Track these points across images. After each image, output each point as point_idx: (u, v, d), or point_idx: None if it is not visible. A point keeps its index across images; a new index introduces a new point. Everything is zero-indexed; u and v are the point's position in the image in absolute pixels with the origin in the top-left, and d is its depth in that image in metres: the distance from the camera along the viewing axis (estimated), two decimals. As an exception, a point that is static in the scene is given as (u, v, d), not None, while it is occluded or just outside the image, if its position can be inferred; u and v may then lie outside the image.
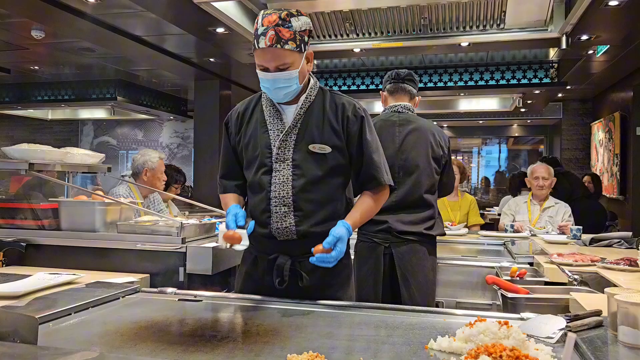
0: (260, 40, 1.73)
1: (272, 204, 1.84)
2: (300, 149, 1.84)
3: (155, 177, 3.56)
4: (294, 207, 1.83)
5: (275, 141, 1.84)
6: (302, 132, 1.84)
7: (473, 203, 4.54)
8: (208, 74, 6.64)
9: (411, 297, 2.47)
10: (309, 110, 1.86)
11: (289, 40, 1.73)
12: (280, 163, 1.84)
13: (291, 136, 1.84)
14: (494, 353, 1.07)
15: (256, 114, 1.91)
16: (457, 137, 12.28)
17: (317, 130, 1.84)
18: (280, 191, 1.83)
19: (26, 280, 1.95)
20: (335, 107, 1.87)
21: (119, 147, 11.67)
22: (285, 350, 1.25)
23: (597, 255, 2.60)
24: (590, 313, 1.50)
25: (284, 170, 1.84)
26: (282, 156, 1.84)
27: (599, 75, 6.79)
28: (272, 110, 1.88)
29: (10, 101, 8.65)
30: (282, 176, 1.83)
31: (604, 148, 7.87)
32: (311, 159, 1.84)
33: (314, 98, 1.88)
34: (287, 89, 1.80)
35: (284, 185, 1.83)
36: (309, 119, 1.85)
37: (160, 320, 1.54)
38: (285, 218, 1.83)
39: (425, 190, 2.62)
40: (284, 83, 1.78)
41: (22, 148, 2.53)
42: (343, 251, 1.70)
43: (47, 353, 1.18)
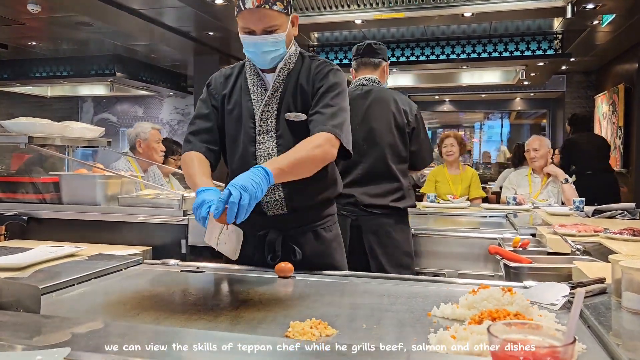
0: (247, 1, 1.66)
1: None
2: (281, 118, 1.78)
3: (150, 147, 3.53)
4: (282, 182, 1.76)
5: (258, 111, 1.79)
6: (281, 101, 1.79)
7: (475, 176, 4.53)
8: (207, 48, 6.56)
9: (380, 270, 2.45)
10: (288, 78, 1.80)
11: (277, 1, 1.67)
12: (263, 135, 1.79)
13: (272, 105, 1.79)
14: (497, 318, 1.06)
15: (240, 81, 1.85)
16: (459, 111, 12.20)
17: (292, 97, 1.79)
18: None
19: (28, 252, 1.95)
20: (309, 71, 1.81)
21: (119, 124, 11.62)
22: (288, 318, 1.25)
23: (600, 226, 2.59)
24: (594, 280, 1.49)
25: (268, 142, 1.78)
26: (265, 127, 1.79)
27: (603, 46, 6.70)
28: (256, 79, 1.82)
29: (8, 78, 8.59)
30: (267, 148, 1.78)
31: (607, 121, 7.81)
32: (292, 129, 1.78)
33: (293, 65, 1.82)
34: (274, 53, 1.74)
35: (269, 157, 1.77)
36: (287, 86, 1.80)
37: (163, 290, 1.54)
38: (274, 191, 1.78)
39: (391, 161, 2.59)
40: (271, 47, 1.71)
41: (21, 122, 2.51)
42: (246, 190, 1.44)
43: (50, 322, 1.17)
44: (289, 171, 1.60)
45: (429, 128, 13.47)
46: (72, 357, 0.93)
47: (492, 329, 0.62)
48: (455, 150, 4.45)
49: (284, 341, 1.00)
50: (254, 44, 1.71)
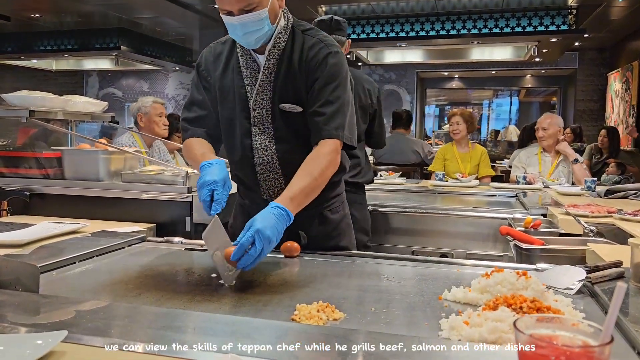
0: None
1: (258, 171, 1.69)
2: (276, 108, 1.64)
3: (151, 121, 3.47)
4: (282, 172, 1.69)
5: (252, 99, 1.65)
6: (275, 88, 1.63)
7: (484, 154, 4.45)
8: (213, 22, 6.45)
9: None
10: (280, 61, 1.63)
11: None
12: (258, 126, 1.66)
13: (266, 93, 1.64)
14: (514, 304, 1.02)
15: (232, 61, 1.69)
16: (468, 88, 12.03)
17: (286, 86, 1.63)
18: (265, 157, 1.68)
19: (30, 229, 1.92)
20: (302, 53, 1.63)
21: (124, 99, 11.55)
22: (294, 300, 1.21)
23: (613, 207, 2.53)
24: (610, 264, 1.44)
25: (263, 134, 1.66)
26: (260, 118, 1.65)
27: (618, 22, 6.53)
28: (248, 59, 1.65)
29: (12, 51, 8.52)
30: (264, 140, 1.67)
31: (620, 99, 7.66)
32: (287, 120, 1.65)
33: (284, 44, 1.63)
34: (259, 32, 1.55)
35: (267, 151, 1.67)
36: (279, 71, 1.63)
37: (166, 269, 1.50)
38: (276, 183, 1.71)
39: None
40: (253, 26, 1.53)
41: (22, 95, 2.45)
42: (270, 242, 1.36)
43: (48, 301, 1.14)
44: (304, 201, 1.53)
45: (436, 105, 13.35)
46: (70, 340, 0.90)
47: (519, 324, 0.57)
48: (462, 129, 4.36)
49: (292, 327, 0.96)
50: (233, 25, 1.54)
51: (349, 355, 0.85)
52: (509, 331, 0.95)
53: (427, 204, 3.21)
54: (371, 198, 3.45)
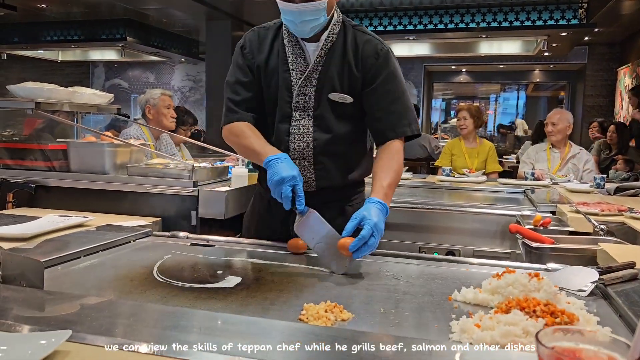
0: None
1: (291, 156, 1.65)
2: (322, 97, 1.66)
3: (159, 113, 3.45)
4: (314, 161, 1.71)
5: (297, 85, 1.66)
6: (323, 77, 1.65)
7: (492, 149, 4.41)
8: (220, 13, 6.41)
9: None
10: (331, 51, 1.66)
11: None
12: (299, 112, 1.67)
13: (312, 81, 1.66)
14: (527, 307, 0.99)
15: (277, 45, 1.69)
16: (475, 82, 11.95)
17: (338, 76, 1.66)
18: (300, 143, 1.68)
19: (35, 222, 1.91)
20: (356, 47, 1.66)
21: (130, 90, 11.55)
22: (301, 299, 1.19)
23: (624, 205, 2.50)
24: (623, 265, 1.41)
25: (303, 120, 1.67)
26: (302, 104, 1.67)
27: (630, 16, 6.44)
28: (295, 47, 1.67)
29: (19, 41, 8.52)
30: (303, 126, 1.68)
31: (629, 95, 7.58)
32: (333, 109, 1.67)
33: (336, 36, 1.66)
34: (314, 22, 1.58)
35: (304, 137, 1.68)
36: (330, 61, 1.66)
37: (172, 265, 1.48)
38: (305, 172, 1.71)
39: None
40: (311, 15, 1.56)
41: (28, 86, 2.44)
42: (381, 230, 1.47)
43: (52, 298, 1.13)
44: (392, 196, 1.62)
45: (443, 99, 13.27)
46: (74, 339, 0.88)
47: (541, 337, 0.55)
48: (469, 124, 4.32)
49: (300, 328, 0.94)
50: (291, 12, 1.55)
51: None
52: (522, 335, 0.93)
53: (434, 200, 3.17)
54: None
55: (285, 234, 1.71)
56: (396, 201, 3.12)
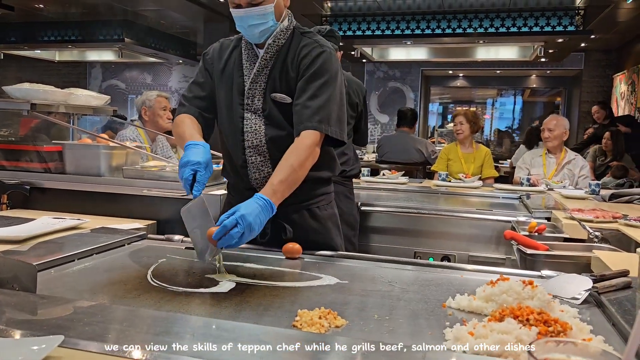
0: None
1: (247, 154, 1.75)
2: (267, 97, 1.73)
3: (155, 114, 3.44)
4: (269, 155, 1.75)
5: (246, 87, 1.74)
6: (268, 79, 1.73)
7: (488, 155, 4.42)
8: (218, 15, 6.41)
9: None
10: (277, 55, 1.73)
11: None
12: (251, 113, 1.74)
13: (260, 83, 1.73)
14: (520, 316, 0.99)
15: (235, 54, 1.80)
16: (472, 87, 11.98)
17: (278, 77, 1.72)
18: (254, 140, 1.74)
19: (30, 224, 1.90)
20: (296, 49, 1.72)
21: (127, 91, 11.52)
22: (295, 305, 1.19)
23: (618, 212, 2.51)
24: (617, 273, 1.42)
25: (255, 118, 1.74)
26: (252, 106, 1.74)
27: (626, 23, 6.48)
28: (250, 53, 1.76)
29: (16, 41, 8.49)
30: (254, 124, 1.74)
31: (625, 101, 7.62)
32: (280, 108, 1.73)
33: (283, 42, 1.73)
34: (262, 27, 1.66)
35: (257, 134, 1.74)
36: (274, 64, 1.73)
37: (166, 269, 1.48)
38: (262, 167, 1.76)
39: None
40: (258, 19, 1.64)
41: (24, 87, 2.43)
42: (252, 230, 1.43)
43: (45, 302, 1.12)
44: (287, 192, 1.60)
45: (440, 103, 13.30)
46: (66, 344, 0.88)
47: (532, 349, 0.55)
48: (465, 129, 4.33)
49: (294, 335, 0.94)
50: (240, 17, 1.65)
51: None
52: (515, 344, 0.93)
53: (430, 205, 3.18)
54: (373, 197, 3.43)
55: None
56: (392, 206, 3.13)
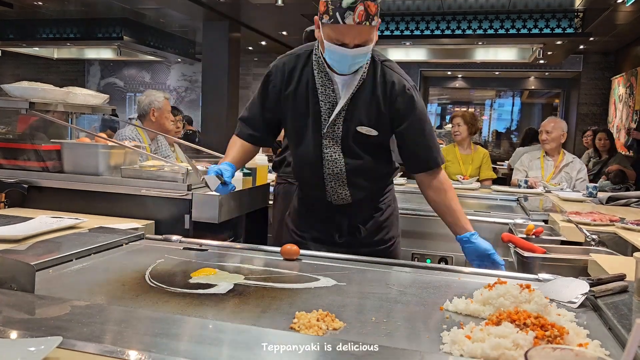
0: (347, 17, 1.53)
1: (326, 179, 1.84)
2: (349, 127, 1.76)
3: (163, 116, 3.44)
4: (348, 182, 1.84)
5: (326, 115, 1.76)
6: (351, 110, 1.75)
7: (486, 156, 4.42)
8: (217, 14, 6.40)
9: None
10: (361, 87, 1.74)
11: (375, 16, 1.58)
12: (329, 140, 1.79)
13: (341, 113, 1.75)
14: (517, 320, 1.00)
15: (306, 76, 1.77)
16: (471, 88, 11.99)
17: (365, 111, 1.75)
18: (334, 168, 1.82)
19: (28, 223, 1.90)
20: (385, 85, 1.76)
21: (126, 89, 11.51)
22: (293, 307, 1.19)
23: (615, 215, 2.51)
24: (613, 277, 1.42)
25: (334, 147, 1.79)
26: (332, 134, 1.78)
27: (625, 27, 6.50)
28: (324, 78, 1.74)
29: (14, 38, 8.47)
30: (334, 153, 1.80)
31: (623, 104, 7.64)
32: (359, 139, 1.78)
33: (365, 73, 1.74)
34: (359, 64, 1.69)
35: (337, 163, 1.81)
36: (359, 96, 1.75)
37: (164, 270, 1.48)
38: (340, 190, 1.86)
39: None
40: (360, 58, 1.65)
41: (22, 86, 2.42)
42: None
43: (43, 302, 1.12)
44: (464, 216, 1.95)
45: (438, 104, 13.31)
46: (64, 345, 0.88)
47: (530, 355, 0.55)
48: (462, 130, 4.33)
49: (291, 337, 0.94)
50: (344, 55, 1.62)
51: None
52: (512, 348, 0.94)
53: (428, 207, 3.16)
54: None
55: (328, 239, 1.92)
56: (390, 207, 3.13)
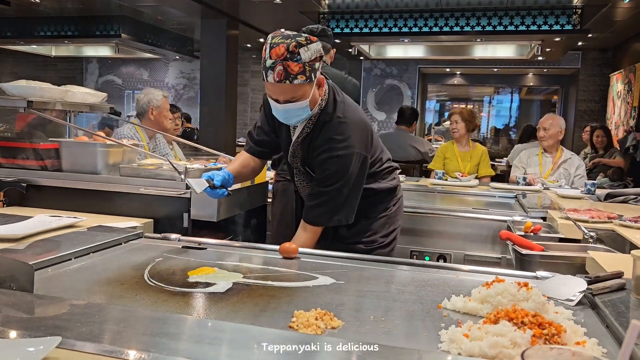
0: (269, 75, 1.69)
1: (300, 192, 2.07)
2: (303, 163, 1.96)
3: (161, 115, 3.43)
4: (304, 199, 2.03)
5: (288, 149, 1.94)
6: (303, 153, 1.92)
7: (484, 154, 4.42)
8: (215, 11, 6.37)
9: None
10: (305, 140, 1.89)
11: (298, 75, 1.67)
12: (297, 167, 2.00)
13: (297, 154, 1.94)
14: (515, 319, 1.00)
15: None
16: (469, 85, 11.98)
17: (308, 153, 1.91)
18: (302, 187, 2.05)
19: (26, 222, 1.90)
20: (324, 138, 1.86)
21: (124, 87, 11.48)
22: (292, 306, 1.20)
23: (613, 212, 2.52)
24: (611, 275, 1.43)
25: (300, 174, 2.02)
26: (295, 164, 1.98)
27: (623, 23, 6.49)
28: None
29: (12, 36, 8.43)
30: (302, 180, 2.03)
31: (621, 100, 7.64)
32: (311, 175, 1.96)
33: (313, 127, 1.87)
34: (299, 117, 1.81)
35: (304, 189, 2.03)
36: (304, 146, 1.90)
37: (163, 269, 1.48)
38: (306, 200, 2.00)
39: None
40: (294, 113, 1.78)
41: (20, 85, 2.42)
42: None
43: (42, 302, 1.13)
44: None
45: (437, 100, 13.29)
46: (63, 345, 0.88)
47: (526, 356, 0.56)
48: (460, 127, 4.33)
49: (290, 336, 0.94)
50: (278, 111, 1.79)
51: None
52: (509, 346, 0.94)
53: (426, 204, 3.18)
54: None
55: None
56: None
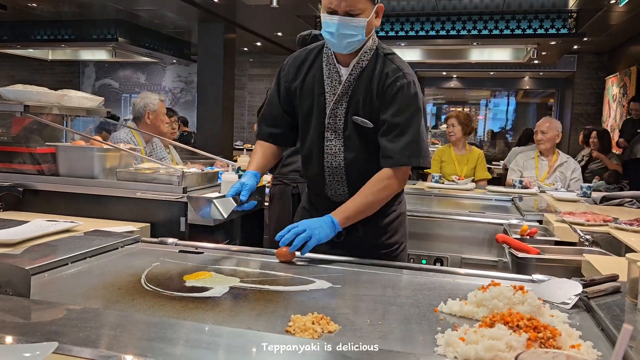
0: None
1: (325, 173, 1.84)
2: (349, 119, 1.77)
3: (158, 119, 3.43)
4: (347, 177, 1.83)
5: (329, 107, 1.78)
6: (351, 100, 1.76)
7: (481, 157, 4.44)
8: (212, 15, 6.40)
9: None
10: (360, 77, 1.75)
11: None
12: (331, 132, 1.80)
13: (342, 103, 1.77)
14: (511, 322, 1.00)
15: (315, 68, 1.81)
16: (466, 88, 12.03)
17: (362, 101, 1.75)
18: (333, 162, 1.82)
19: (23, 227, 1.90)
20: (380, 76, 1.74)
21: (121, 90, 11.49)
22: (289, 310, 1.20)
23: (609, 215, 2.53)
24: (606, 278, 1.43)
25: (335, 140, 1.80)
26: (334, 125, 1.79)
27: (618, 27, 6.53)
28: (332, 70, 1.78)
29: (9, 40, 8.44)
30: (334, 146, 1.81)
31: (617, 103, 7.68)
32: (359, 131, 1.77)
33: (366, 63, 1.75)
34: (352, 38, 1.68)
35: (336, 157, 1.82)
36: (358, 86, 1.75)
37: (160, 273, 1.48)
38: (339, 186, 1.86)
39: None
40: (350, 30, 1.66)
41: (17, 89, 2.42)
42: (315, 242, 1.64)
43: (39, 307, 1.12)
44: (355, 217, 1.73)
45: (434, 104, 13.35)
46: (59, 351, 0.88)
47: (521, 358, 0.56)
48: (457, 131, 4.34)
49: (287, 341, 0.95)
50: (333, 24, 1.65)
51: None
52: (505, 350, 0.94)
53: (423, 207, 3.19)
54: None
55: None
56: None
